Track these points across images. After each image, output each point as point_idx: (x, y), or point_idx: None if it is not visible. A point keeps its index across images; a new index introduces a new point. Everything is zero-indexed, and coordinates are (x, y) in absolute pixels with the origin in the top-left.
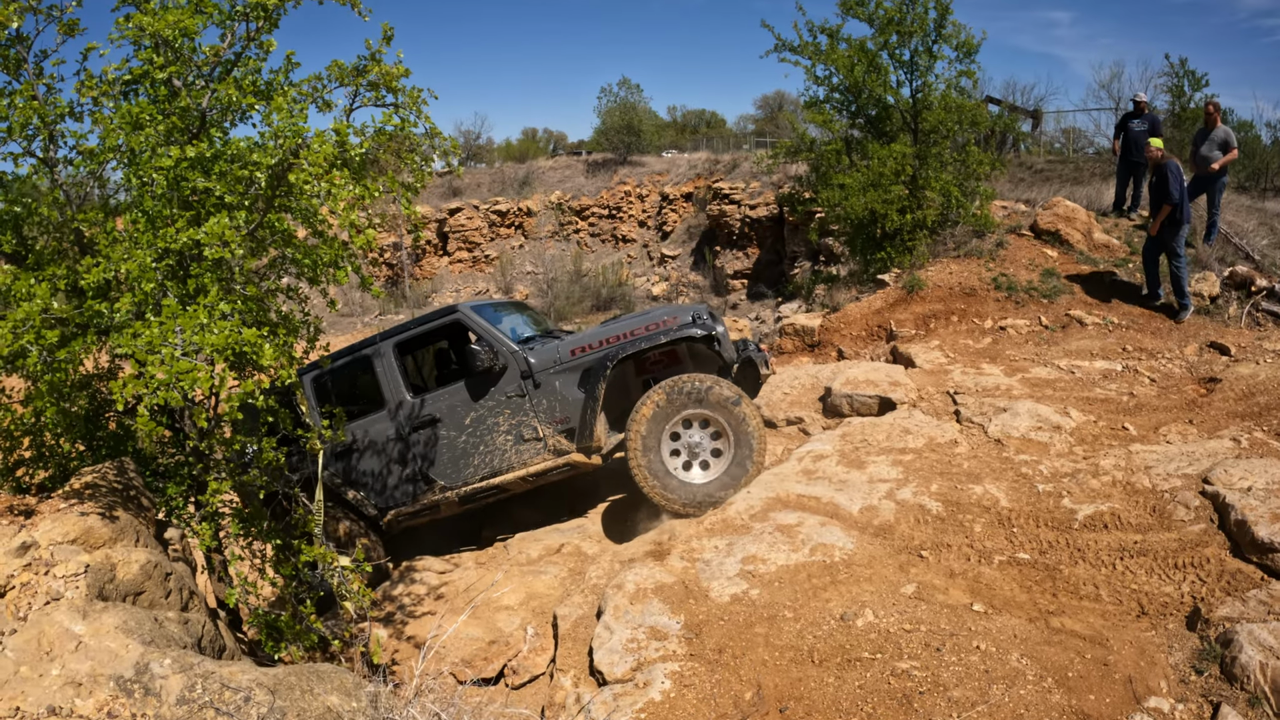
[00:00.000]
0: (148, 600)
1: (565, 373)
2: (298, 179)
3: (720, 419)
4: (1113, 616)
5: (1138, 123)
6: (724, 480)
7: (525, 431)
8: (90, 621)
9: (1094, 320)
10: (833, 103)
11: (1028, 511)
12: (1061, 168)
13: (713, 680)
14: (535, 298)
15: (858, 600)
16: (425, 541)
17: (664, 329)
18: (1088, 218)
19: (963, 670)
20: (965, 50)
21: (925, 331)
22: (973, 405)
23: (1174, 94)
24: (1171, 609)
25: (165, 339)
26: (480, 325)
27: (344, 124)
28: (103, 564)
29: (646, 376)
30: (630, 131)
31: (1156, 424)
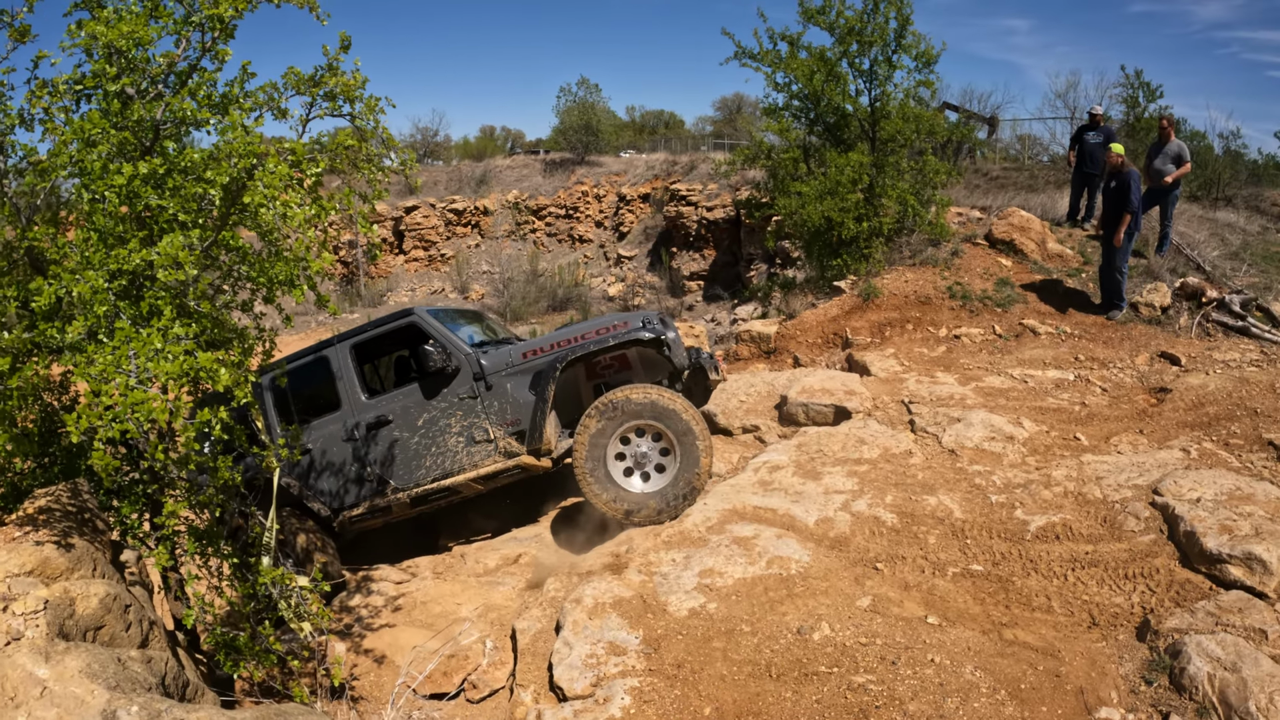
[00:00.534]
0: (108, 635)
1: (517, 375)
2: (253, 200)
3: (664, 428)
4: (1064, 628)
5: (1093, 135)
6: (674, 487)
7: (476, 433)
8: (54, 665)
9: (1047, 329)
10: (791, 110)
11: (981, 523)
12: (1017, 175)
13: (672, 696)
14: (491, 297)
15: (814, 614)
16: (381, 550)
17: (614, 333)
18: (1042, 227)
19: (918, 683)
20: (925, 60)
21: (881, 339)
22: (927, 415)
23: (1129, 104)
24: (1122, 619)
25: (119, 365)
26: (435, 327)
27: (300, 144)
28: (62, 599)
29: (598, 381)
30: (588, 131)
31: (1108, 434)
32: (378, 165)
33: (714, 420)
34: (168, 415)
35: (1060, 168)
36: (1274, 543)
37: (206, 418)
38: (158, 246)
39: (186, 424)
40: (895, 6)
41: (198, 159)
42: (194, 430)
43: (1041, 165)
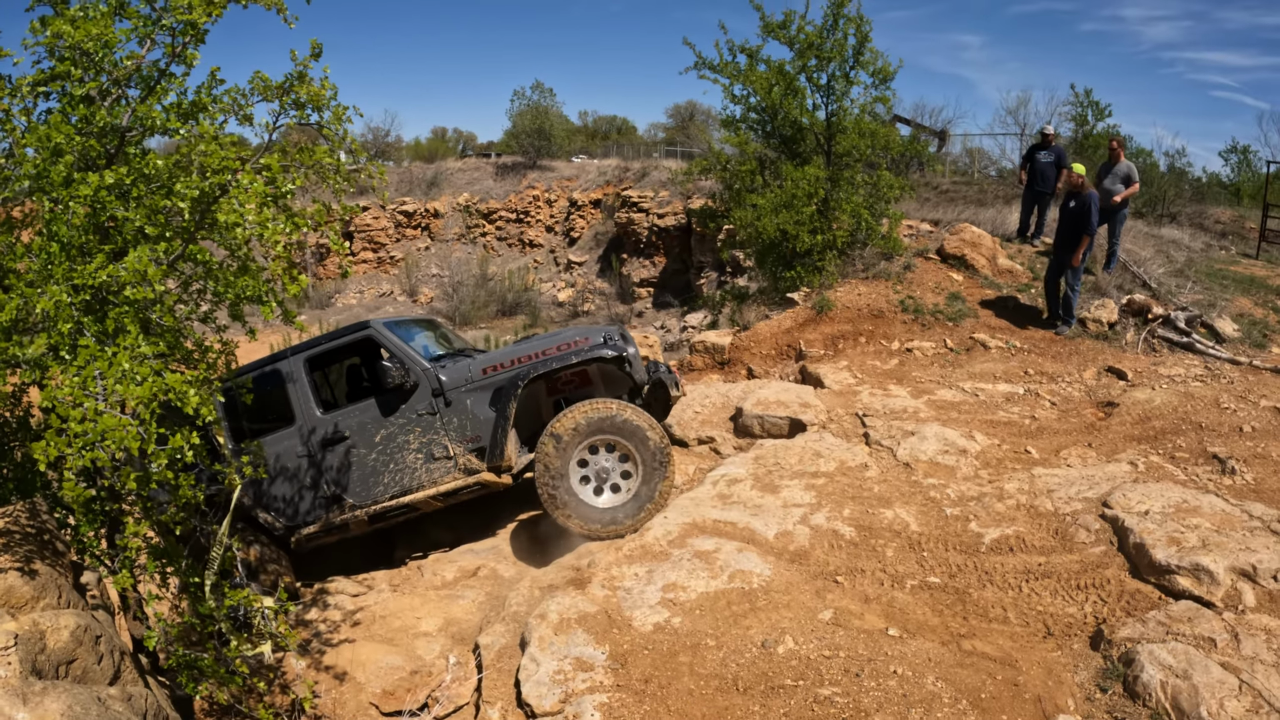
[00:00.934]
0: (80, 669)
1: (476, 391)
2: (227, 218)
3: (624, 442)
4: (1021, 638)
5: (1045, 154)
6: (637, 500)
7: (436, 450)
8: (33, 708)
9: (997, 344)
10: (749, 122)
11: (937, 535)
12: (966, 189)
13: (641, 711)
14: (440, 300)
15: (778, 627)
16: (335, 561)
17: (575, 349)
18: (993, 243)
19: (882, 695)
20: (881, 77)
21: (834, 352)
22: (881, 428)
23: (1078, 122)
24: (1076, 629)
25: (86, 387)
26: (392, 342)
27: (274, 159)
28: (32, 633)
29: (558, 397)
30: (541, 135)
31: (1057, 447)
32: (345, 175)
33: (670, 431)
34: (139, 442)
35: (1009, 183)
36: (1220, 554)
37: (179, 444)
38: (124, 261)
39: (158, 450)
40: (854, 24)
41: (162, 166)
42: (165, 458)
43: (990, 180)
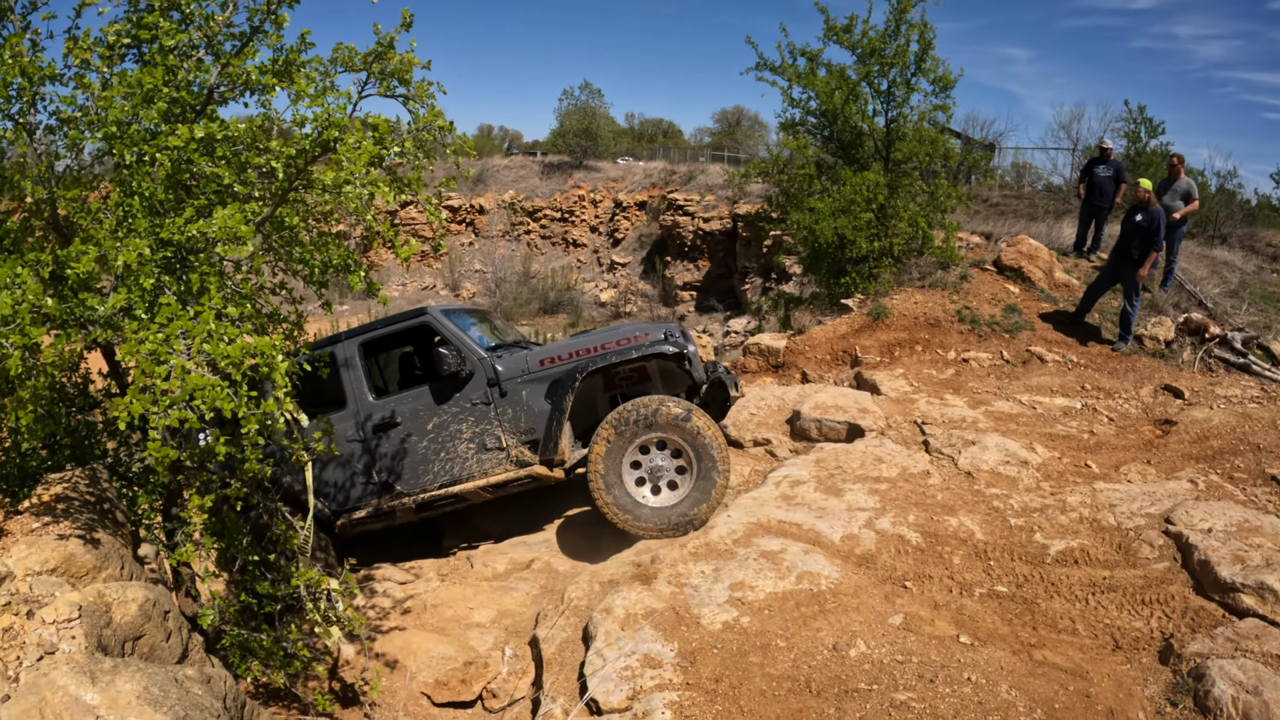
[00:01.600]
0: (148, 645)
1: (532, 383)
2: (336, 178)
3: (675, 438)
4: (1090, 650)
5: (1103, 168)
6: (694, 497)
7: (488, 440)
8: (103, 688)
9: (1054, 358)
10: (807, 126)
11: (1002, 545)
12: (1017, 203)
13: (713, 711)
14: (482, 296)
15: (848, 630)
16: (380, 548)
17: (636, 344)
18: (1049, 256)
19: (958, 702)
20: (942, 85)
21: (890, 359)
22: (941, 436)
23: (1130, 139)
24: (1143, 644)
25: (170, 346)
26: (449, 329)
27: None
28: (96, 605)
29: (614, 392)
30: (588, 136)
31: (1117, 463)
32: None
33: (725, 432)
34: (232, 403)
35: (1060, 198)
36: None
37: (271, 408)
38: (214, 217)
39: (250, 414)
40: (918, 30)
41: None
42: (257, 421)
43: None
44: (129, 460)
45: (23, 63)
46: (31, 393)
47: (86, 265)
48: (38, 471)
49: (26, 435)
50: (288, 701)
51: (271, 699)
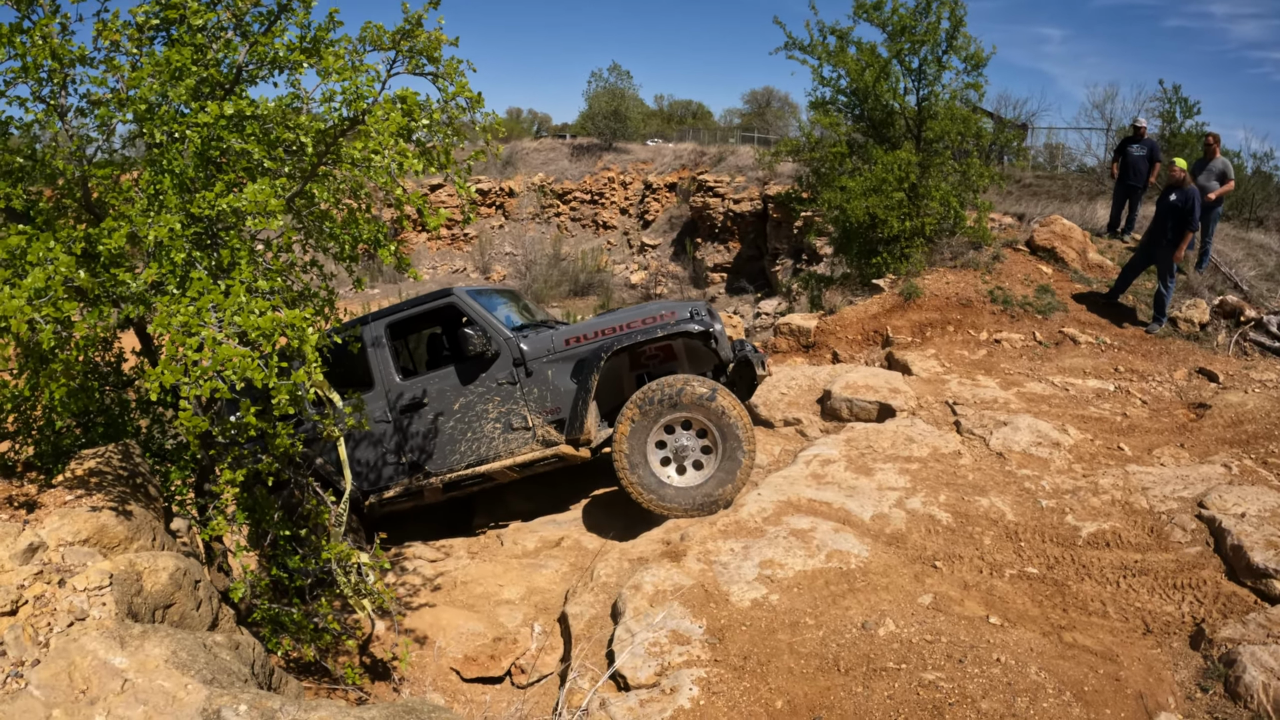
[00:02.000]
0: (178, 614)
1: (558, 362)
2: (364, 149)
3: (700, 417)
4: (1121, 633)
5: (1137, 147)
6: (719, 478)
7: (514, 420)
8: (132, 652)
9: (1087, 339)
10: (837, 105)
11: (1033, 526)
12: (1050, 184)
13: (741, 688)
14: (513, 279)
15: (877, 609)
16: (411, 528)
17: (661, 323)
18: (1083, 237)
19: (987, 682)
20: (974, 63)
21: (921, 340)
22: (973, 417)
23: (1165, 119)
24: (1174, 628)
25: (201, 318)
26: (475, 309)
27: (412, 92)
28: (128, 573)
29: (640, 371)
30: (617, 118)
31: (1149, 445)
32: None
33: (755, 412)
34: (262, 373)
35: (1094, 178)
36: None
37: (301, 378)
38: (245, 192)
39: (280, 384)
40: (949, 7)
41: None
42: (287, 391)
43: (1074, 175)
44: (162, 437)
45: (53, 44)
46: (64, 366)
47: (118, 241)
48: (72, 448)
49: (60, 410)
50: (318, 675)
51: (303, 673)
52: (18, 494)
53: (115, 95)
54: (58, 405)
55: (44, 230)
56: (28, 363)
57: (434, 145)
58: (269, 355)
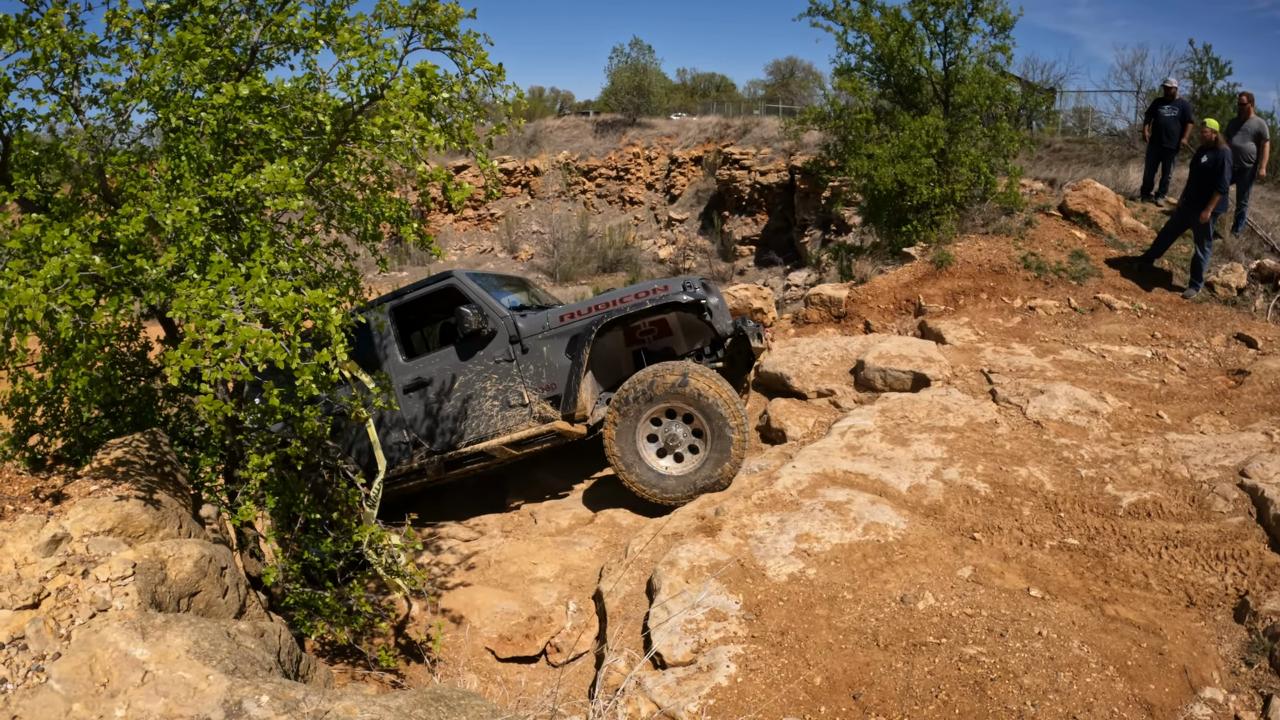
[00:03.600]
0: (204, 602)
1: (553, 339)
2: (384, 124)
3: (680, 404)
4: (1163, 605)
5: (1168, 108)
6: (715, 459)
7: (512, 397)
8: (153, 643)
9: (1123, 305)
10: (863, 71)
11: (1073, 496)
12: (1080, 148)
13: (779, 664)
14: (541, 257)
15: (916, 582)
16: (445, 507)
17: (652, 296)
18: (1116, 201)
19: (1029, 657)
20: (1000, 25)
21: (954, 308)
22: (1009, 385)
23: (1196, 80)
24: (1217, 600)
25: (222, 301)
26: (473, 290)
27: (431, 65)
28: (151, 562)
29: (637, 348)
30: (640, 93)
31: (1189, 413)
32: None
33: (788, 383)
34: (284, 354)
35: (1124, 142)
36: None
37: (325, 358)
38: (263, 172)
39: (303, 365)
40: None
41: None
42: (310, 372)
43: (1104, 139)
44: (190, 425)
45: (62, 34)
46: (85, 355)
47: (135, 227)
48: (99, 439)
49: (84, 400)
50: (353, 658)
51: (337, 656)
52: (45, 486)
53: (129, 82)
54: (82, 396)
55: (61, 219)
56: (52, 354)
57: (455, 121)
58: (290, 336)
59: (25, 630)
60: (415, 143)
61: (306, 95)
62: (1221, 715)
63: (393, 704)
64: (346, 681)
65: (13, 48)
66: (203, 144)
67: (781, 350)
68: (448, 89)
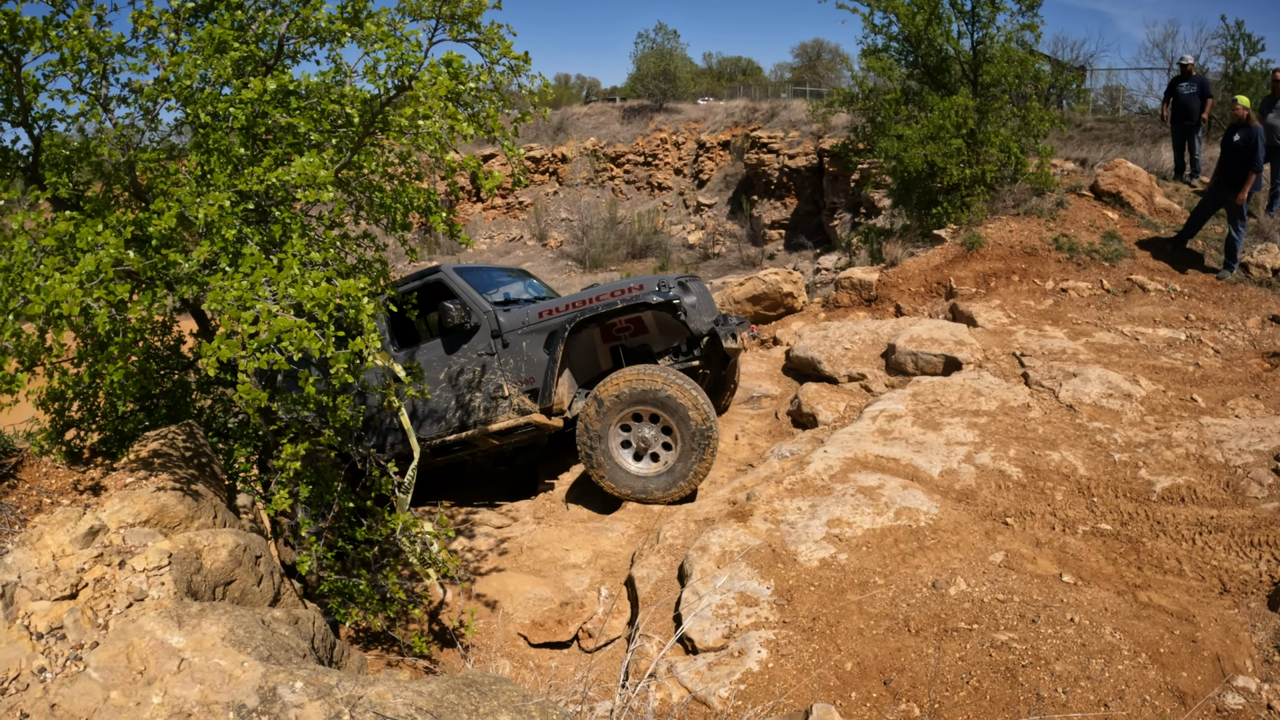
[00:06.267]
0: (239, 590)
1: (532, 334)
2: (412, 115)
3: (666, 417)
4: (1197, 592)
5: (1186, 85)
6: (671, 475)
7: (493, 389)
8: (189, 631)
9: (1156, 286)
10: (891, 52)
11: (1106, 481)
12: (1112, 127)
13: (809, 650)
14: (570, 244)
15: (948, 568)
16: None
17: (625, 296)
18: (1149, 180)
19: (1060, 643)
20: (1028, 3)
21: (986, 290)
22: (1041, 369)
23: (1228, 57)
24: (1251, 587)
25: (255, 293)
26: (459, 284)
27: (458, 57)
28: (187, 552)
29: (615, 344)
30: (666, 78)
31: (1223, 396)
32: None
33: (819, 368)
34: (319, 343)
35: (1156, 120)
36: None
37: (359, 346)
38: (293, 166)
39: (337, 354)
40: None
41: (316, 83)
42: (345, 360)
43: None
44: (224, 416)
45: (89, 34)
46: (120, 349)
47: (168, 221)
48: (134, 432)
49: (119, 394)
50: (387, 645)
51: (372, 643)
52: (82, 479)
53: (157, 80)
54: (117, 390)
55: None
56: (88, 349)
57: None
58: (324, 325)
59: (64, 620)
60: (444, 132)
61: (333, 89)
62: (1254, 704)
63: (425, 689)
64: (381, 667)
65: (40, 49)
66: (232, 139)
67: (812, 334)
68: (474, 79)
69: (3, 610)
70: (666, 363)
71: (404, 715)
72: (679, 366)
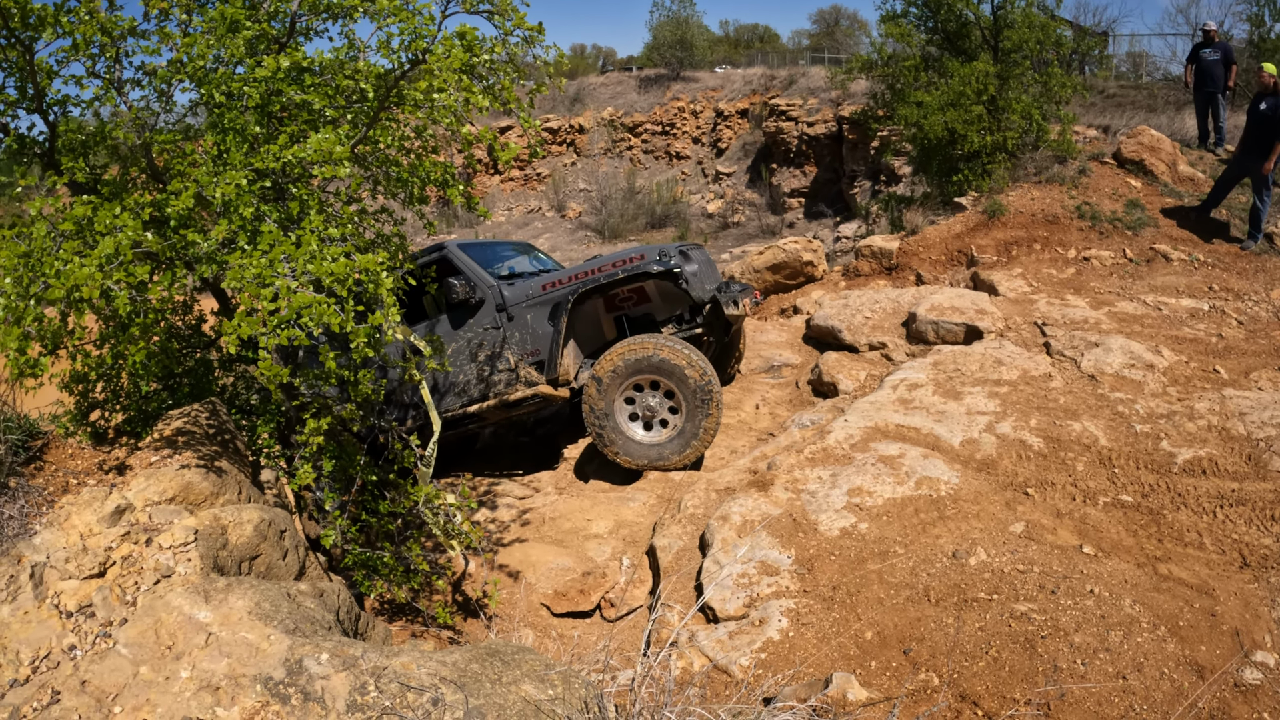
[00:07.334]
0: (264, 564)
1: (536, 307)
2: (427, 89)
3: (667, 381)
4: (1217, 566)
5: (1209, 51)
6: (683, 437)
7: (499, 362)
8: (216, 606)
9: (1179, 256)
10: (910, 17)
11: (1127, 452)
12: (1135, 94)
13: (830, 619)
14: (588, 215)
15: (968, 538)
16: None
17: (626, 266)
18: (1173, 148)
19: (1080, 615)
20: None
21: (1007, 259)
22: (1063, 338)
23: (1254, 23)
24: (1272, 562)
25: (275, 269)
26: (462, 260)
27: (471, 28)
28: (212, 528)
29: (618, 314)
30: (683, 46)
31: (1246, 368)
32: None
33: (839, 337)
34: (339, 318)
35: (1180, 87)
36: None
37: (379, 320)
38: (309, 142)
39: (357, 328)
40: None
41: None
42: (365, 334)
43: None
44: (247, 393)
45: (100, 18)
46: (141, 330)
47: (185, 201)
48: (158, 411)
49: (142, 374)
50: (411, 616)
51: (396, 614)
52: (108, 459)
53: (171, 62)
54: (140, 370)
55: (112, 199)
56: (110, 331)
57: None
58: (344, 300)
59: (92, 598)
60: (459, 105)
61: (347, 64)
62: (1273, 679)
63: (449, 659)
64: (405, 639)
65: (53, 35)
66: (247, 118)
67: (833, 303)
68: (488, 51)
69: (33, 590)
70: (670, 331)
71: (428, 685)
72: (682, 335)
